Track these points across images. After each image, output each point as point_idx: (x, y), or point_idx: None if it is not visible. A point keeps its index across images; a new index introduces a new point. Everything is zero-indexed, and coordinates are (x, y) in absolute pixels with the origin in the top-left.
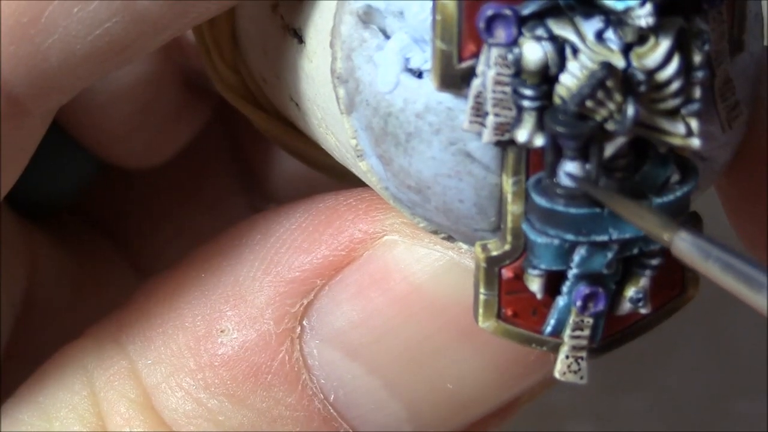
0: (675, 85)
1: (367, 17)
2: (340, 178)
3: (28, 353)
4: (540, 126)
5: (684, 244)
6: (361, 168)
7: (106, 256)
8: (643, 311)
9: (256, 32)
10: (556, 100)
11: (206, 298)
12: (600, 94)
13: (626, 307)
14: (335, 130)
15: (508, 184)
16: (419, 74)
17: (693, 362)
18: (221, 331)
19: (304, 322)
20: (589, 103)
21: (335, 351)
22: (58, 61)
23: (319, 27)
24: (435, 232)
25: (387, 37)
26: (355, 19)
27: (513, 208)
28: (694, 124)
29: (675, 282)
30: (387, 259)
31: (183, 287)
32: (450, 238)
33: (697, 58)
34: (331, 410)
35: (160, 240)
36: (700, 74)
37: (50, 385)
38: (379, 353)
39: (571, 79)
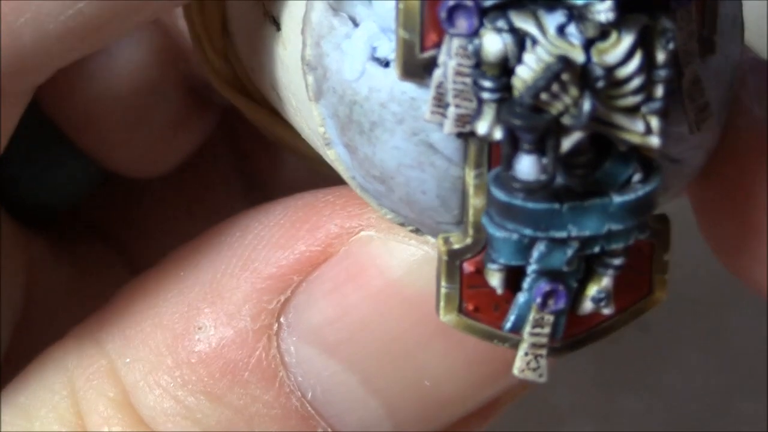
0: (635, 82)
1: (337, 4)
2: (329, 170)
3: (27, 359)
4: (500, 118)
5: None
6: (329, 156)
7: (106, 263)
8: (606, 311)
9: (242, 20)
10: (516, 93)
11: (184, 296)
12: (555, 88)
13: (588, 306)
14: (307, 117)
15: (470, 176)
16: (386, 63)
17: (693, 362)
18: (198, 328)
19: (281, 319)
20: (543, 96)
21: (312, 348)
22: (32, 40)
23: (293, 13)
24: (402, 225)
25: (356, 25)
26: (325, 5)
27: (475, 201)
28: (654, 122)
29: (641, 283)
30: (363, 255)
31: (162, 285)
32: (418, 231)
33: (661, 57)
34: (309, 408)
35: (162, 249)
36: (662, 73)
37: (32, 386)
38: (356, 350)
39: (527, 72)
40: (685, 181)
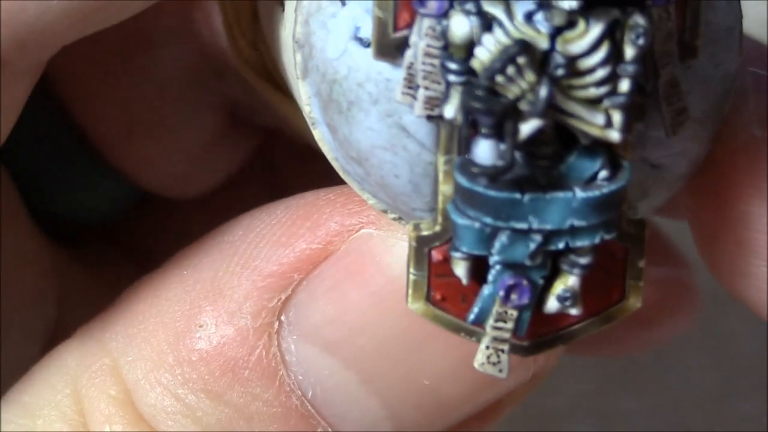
0: (599, 74)
1: None
2: None
3: None
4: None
5: None
6: (315, 136)
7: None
8: (572, 312)
9: (266, 8)
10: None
11: (186, 294)
12: (511, 71)
13: (554, 305)
14: (297, 97)
15: (440, 162)
16: (367, 44)
17: (693, 362)
18: (200, 326)
19: (282, 318)
20: (499, 79)
21: (312, 346)
22: (36, 13)
23: None
24: (385, 212)
25: (344, 4)
26: None
27: (444, 188)
28: (617, 116)
29: (613, 288)
30: (363, 252)
31: (165, 284)
32: (400, 220)
33: (630, 52)
34: (309, 407)
35: None
36: (630, 68)
37: (36, 384)
38: (355, 348)
39: (485, 53)
40: (666, 190)
